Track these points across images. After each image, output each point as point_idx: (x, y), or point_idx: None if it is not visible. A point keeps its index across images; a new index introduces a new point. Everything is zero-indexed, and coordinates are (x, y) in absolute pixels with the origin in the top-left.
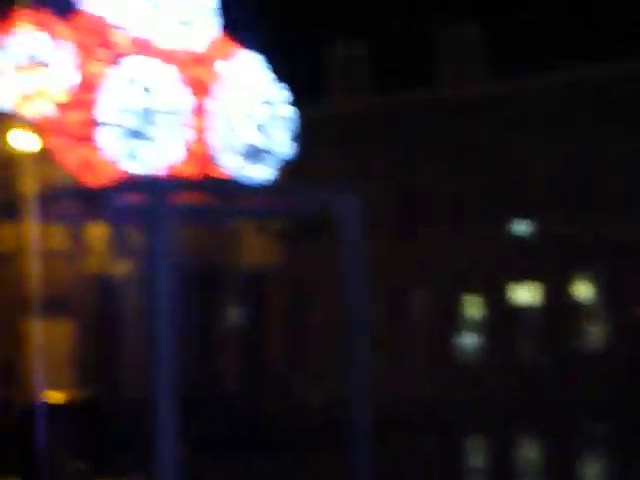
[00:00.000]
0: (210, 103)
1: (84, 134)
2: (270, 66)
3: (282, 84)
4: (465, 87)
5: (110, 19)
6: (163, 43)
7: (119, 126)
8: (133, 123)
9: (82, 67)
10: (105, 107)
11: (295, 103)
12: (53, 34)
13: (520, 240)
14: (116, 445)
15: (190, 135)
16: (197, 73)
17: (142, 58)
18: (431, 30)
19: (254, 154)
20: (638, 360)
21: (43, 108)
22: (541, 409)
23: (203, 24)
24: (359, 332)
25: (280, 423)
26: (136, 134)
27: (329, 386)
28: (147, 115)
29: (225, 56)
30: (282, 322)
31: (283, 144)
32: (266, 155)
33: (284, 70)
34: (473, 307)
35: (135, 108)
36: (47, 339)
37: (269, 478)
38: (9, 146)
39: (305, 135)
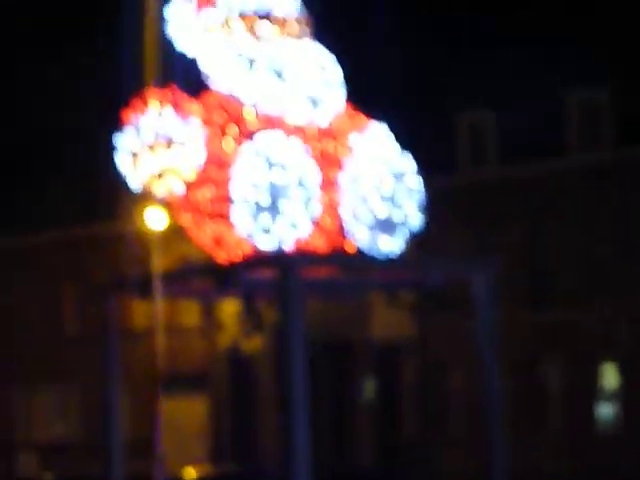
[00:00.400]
0: (340, 176)
1: (215, 211)
2: (397, 136)
3: (409, 154)
4: (595, 153)
5: (239, 96)
6: (292, 118)
7: (250, 202)
8: (264, 198)
9: (212, 144)
10: (236, 183)
11: (423, 173)
12: (183, 112)
13: None
14: None
15: (320, 209)
16: (326, 146)
17: (271, 134)
18: (559, 95)
19: (384, 226)
20: None
21: (174, 186)
22: None
23: (331, 97)
24: (493, 402)
25: None
26: (267, 209)
27: (464, 454)
28: (277, 190)
29: (354, 128)
30: (415, 393)
31: (412, 216)
32: (396, 227)
33: (411, 140)
34: (610, 376)
35: (266, 183)
36: (182, 414)
37: None
38: (142, 224)
39: (434, 206)
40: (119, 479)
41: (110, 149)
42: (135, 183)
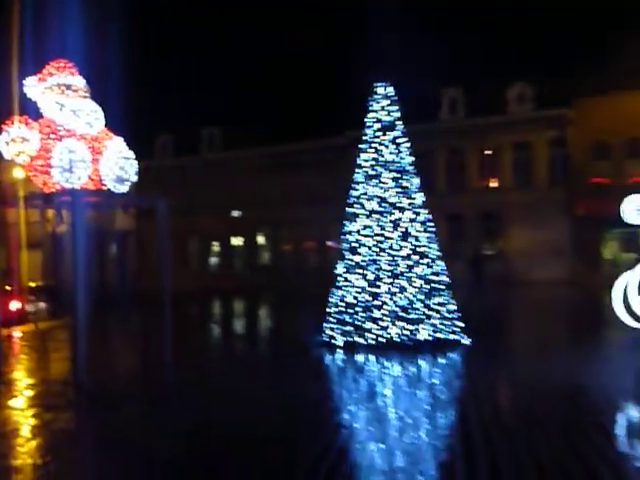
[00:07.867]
0: (101, 158)
1: (44, 170)
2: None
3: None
4: None
5: (56, 121)
6: (79, 131)
7: (60, 166)
8: (67, 165)
9: (43, 141)
10: (54, 157)
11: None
12: (30, 126)
13: None
14: None
15: (91, 171)
16: (94, 145)
17: (70, 138)
18: None
19: (119, 180)
20: None
21: (25, 158)
22: None
23: (98, 123)
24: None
25: None
26: (67, 170)
27: None
28: (73, 162)
29: (107, 138)
30: (132, 254)
31: (132, 177)
32: (124, 181)
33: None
34: None
35: (67, 159)
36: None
37: None
38: (12, 175)
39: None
40: None
41: None
42: (8, 156)
